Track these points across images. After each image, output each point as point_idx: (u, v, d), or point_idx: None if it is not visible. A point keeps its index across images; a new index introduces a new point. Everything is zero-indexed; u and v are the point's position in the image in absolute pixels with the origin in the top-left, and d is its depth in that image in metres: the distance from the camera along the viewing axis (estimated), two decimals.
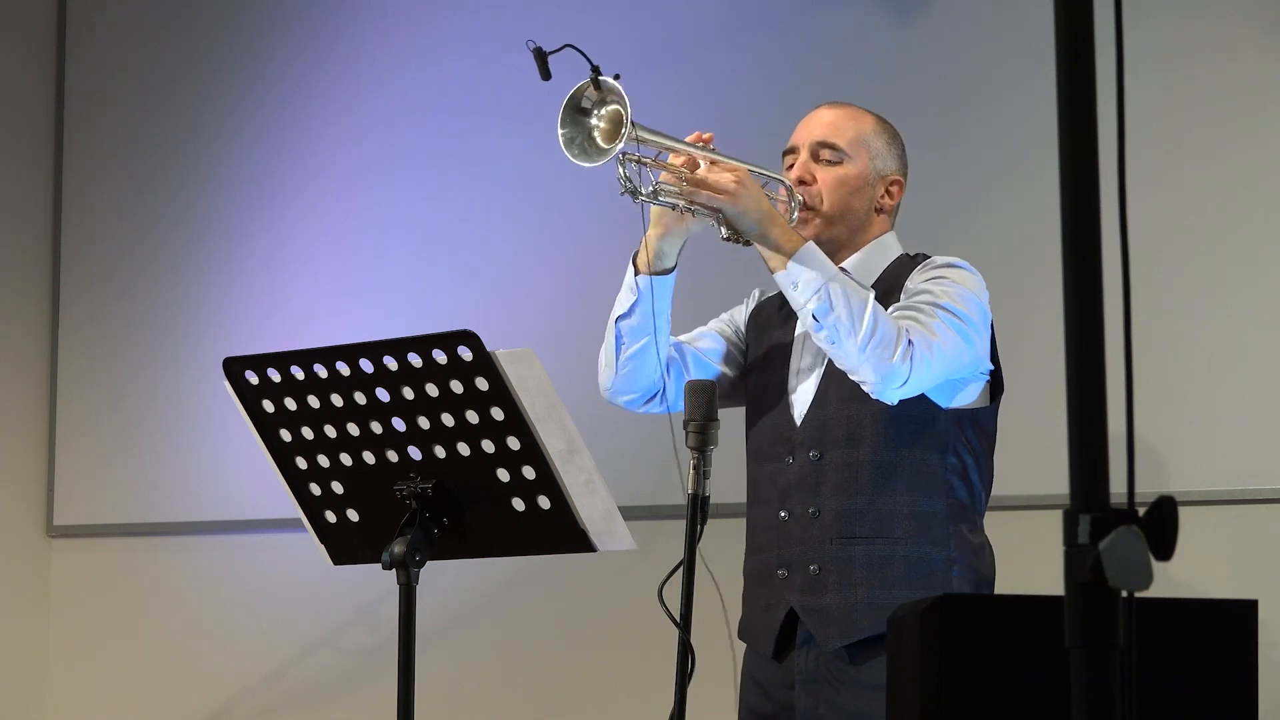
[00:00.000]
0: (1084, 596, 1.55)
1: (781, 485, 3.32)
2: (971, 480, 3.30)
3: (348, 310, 5.21)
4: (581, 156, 3.16)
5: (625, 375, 3.38)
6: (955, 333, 3.21)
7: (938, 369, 3.19)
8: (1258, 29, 4.26)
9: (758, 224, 3.22)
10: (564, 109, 3.18)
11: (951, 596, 3.01)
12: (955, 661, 2.40)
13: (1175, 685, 2.47)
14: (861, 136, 3.41)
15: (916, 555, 3.24)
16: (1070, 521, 1.56)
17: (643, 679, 4.72)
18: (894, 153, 3.44)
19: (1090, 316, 1.57)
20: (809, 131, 3.43)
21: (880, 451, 3.25)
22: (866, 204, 3.40)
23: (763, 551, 3.36)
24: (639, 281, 3.32)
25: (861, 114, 3.45)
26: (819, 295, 3.16)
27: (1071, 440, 1.57)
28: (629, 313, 3.34)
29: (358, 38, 5.32)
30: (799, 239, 3.23)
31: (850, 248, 3.39)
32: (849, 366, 3.18)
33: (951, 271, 3.30)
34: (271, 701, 5.31)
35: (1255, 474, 4.19)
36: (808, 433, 3.30)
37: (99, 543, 5.56)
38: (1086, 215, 1.57)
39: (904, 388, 3.18)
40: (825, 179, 3.38)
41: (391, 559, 3.00)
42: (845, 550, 3.25)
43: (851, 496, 3.26)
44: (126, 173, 5.58)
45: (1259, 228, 4.22)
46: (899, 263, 3.40)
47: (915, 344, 3.15)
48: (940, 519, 3.26)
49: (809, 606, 3.26)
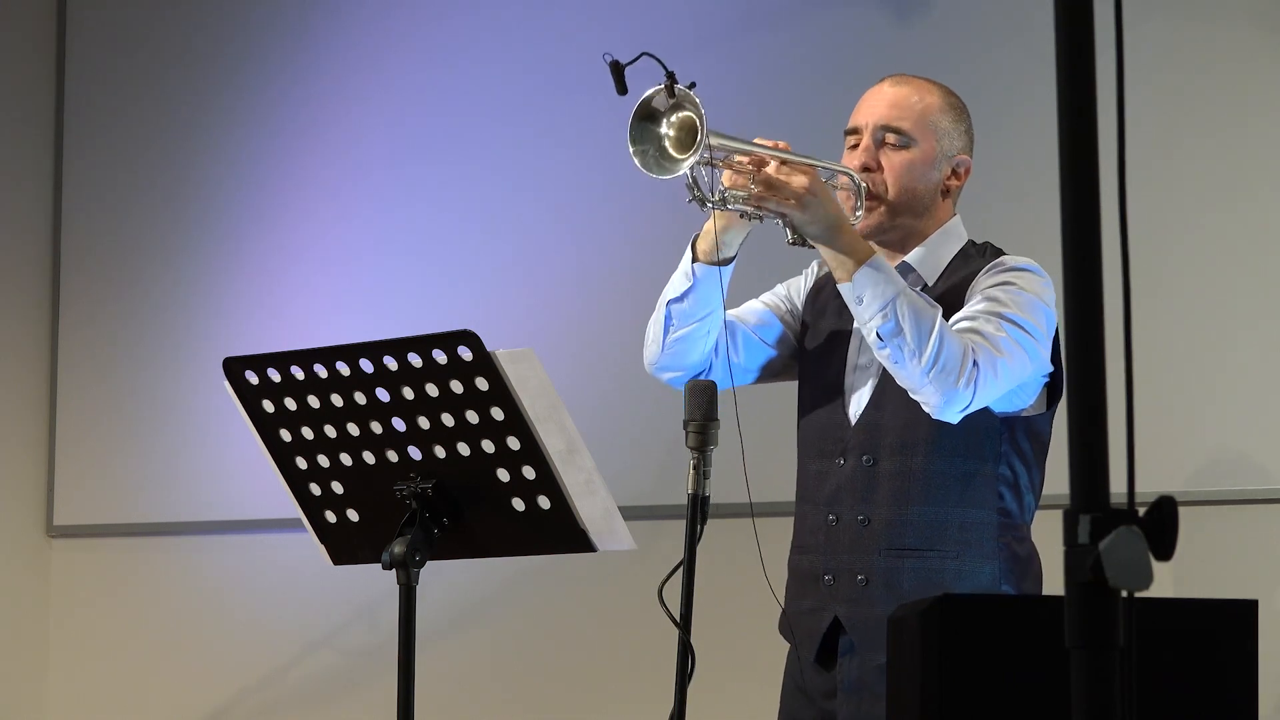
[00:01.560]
0: (1084, 596, 1.55)
1: (831, 488, 3.25)
2: (1021, 489, 3.22)
3: (348, 310, 5.21)
4: (655, 169, 3.04)
5: (671, 354, 3.30)
6: (1021, 347, 3.11)
7: (1001, 387, 3.11)
8: (1258, 30, 4.26)
9: (825, 231, 3.10)
10: (634, 118, 3.05)
11: (951, 596, 3.00)
12: (955, 661, 2.40)
13: (1175, 685, 2.47)
14: (928, 116, 3.26)
15: (967, 569, 3.17)
16: (1070, 521, 1.56)
17: (643, 679, 4.72)
18: (961, 129, 3.31)
19: (1090, 316, 1.57)
20: (873, 111, 3.28)
21: (934, 461, 3.17)
22: (933, 189, 3.27)
23: (808, 552, 3.28)
24: (697, 270, 3.21)
25: (927, 89, 3.30)
26: (884, 313, 3.05)
27: (1071, 440, 1.57)
28: (682, 298, 3.23)
29: (358, 38, 5.32)
30: (867, 249, 3.11)
31: (917, 236, 3.28)
32: (911, 386, 3.09)
33: (1020, 277, 3.18)
34: (271, 701, 5.31)
35: (1255, 474, 4.19)
36: (861, 435, 3.22)
37: (99, 543, 5.56)
38: (1086, 216, 1.57)
39: (967, 409, 3.10)
40: (891, 165, 3.25)
41: (391, 559, 2.99)
42: (894, 562, 3.18)
43: (903, 507, 3.18)
44: (126, 173, 5.58)
45: (1259, 228, 4.22)
46: (964, 253, 3.29)
47: (980, 365, 3.06)
48: (990, 530, 3.18)
49: (854, 618, 3.21)
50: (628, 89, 3.02)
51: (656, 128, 3.06)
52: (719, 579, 3.33)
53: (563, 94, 5.02)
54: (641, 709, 4.66)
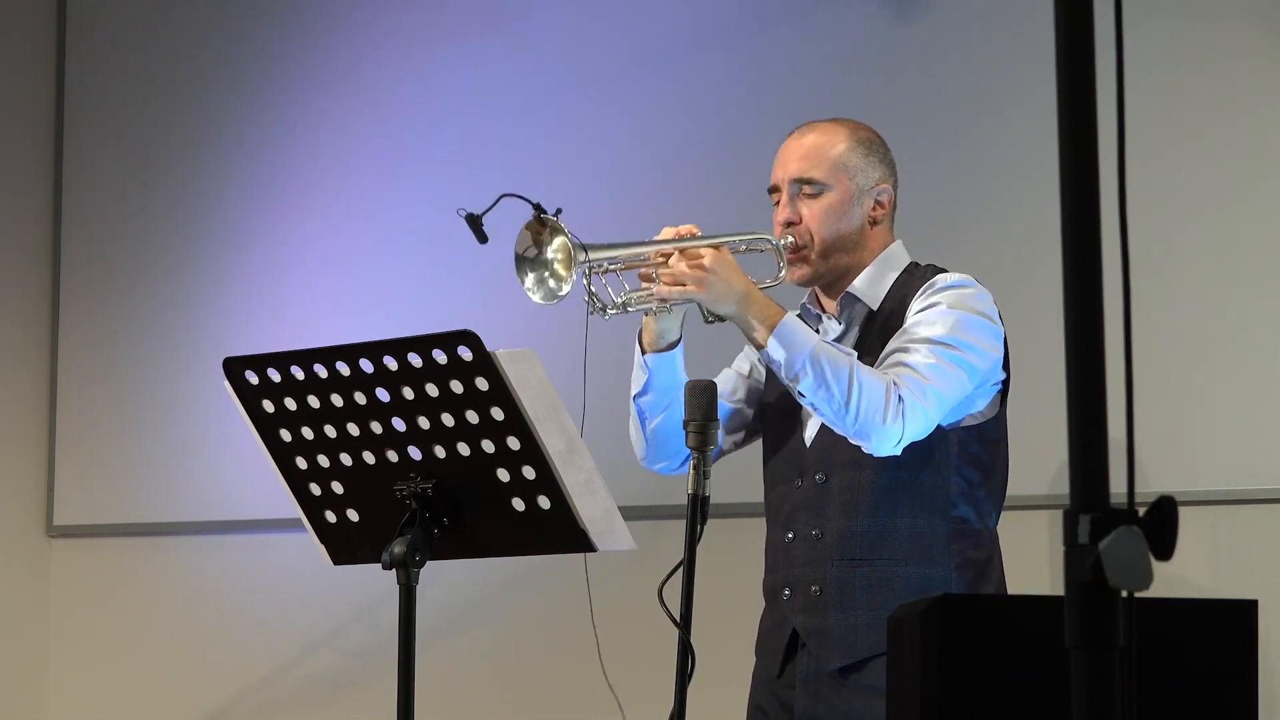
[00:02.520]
0: (1084, 596, 1.55)
1: (789, 507, 3.33)
2: (978, 497, 3.27)
3: (348, 310, 5.21)
4: (548, 296, 3.18)
5: (658, 444, 3.41)
6: (953, 365, 3.18)
7: (934, 413, 3.18)
8: (1258, 30, 4.26)
9: (734, 305, 3.20)
10: (516, 264, 3.19)
11: (951, 596, 3.01)
12: (955, 662, 2.40)
13: (1175, 685, 2.46)
14: (838, 160, 3.35)
15: (917, 575, 3.23)
16: (1070, 521, 1.56)
17: (643, 679, 4.72)
18: (874, 161, 3.39)
19: (1090, 317, 1.57)
20: (785, 168, 3.38)
21: (881, 474, 3.23)
22: (858, 225, 3.36)
23: (772, 572, 3.37)
24: (648, 360, 3.33)
25: (834, 131, 3.40)
26: (802, 371, 3.14)
27: (1071, 440, 1.57)
28: (644, 390, 3.36)
29: (358, 39, 5.32)
30: (776, 313, 3.20)
31: (856, 268, 3.36)
32: (843, 433, 3.18)
33: (947, 295, 3.25)
34: (271, 701, 5.31)
35: (1255, 474, 4.19)
36: (815, 455, 3.31)
37: (99, 543, 5.56)
38: (1086, 216, 1.57)
39: (900, 443, 3.16)
40: (811, 214, 3.34)
41: (391, 559, 2.99)
42: (846, 572, 3.25)
43: (854, 518, 3.25)
44: (127, 173, 5.58)
45: (1259, 228, 4.22)
46: (909, 273, 3.36)
47: (905, 398, 3.13)
48: (941, 539, 3.25)
49: (810, 627, 3.27)
50: (488, 237, 3.17)
51: (541, 257, 3.21)
52: (719, 579, 3.33)
53: (563, 94, 5.02)
54: (641, 709, 4.65)
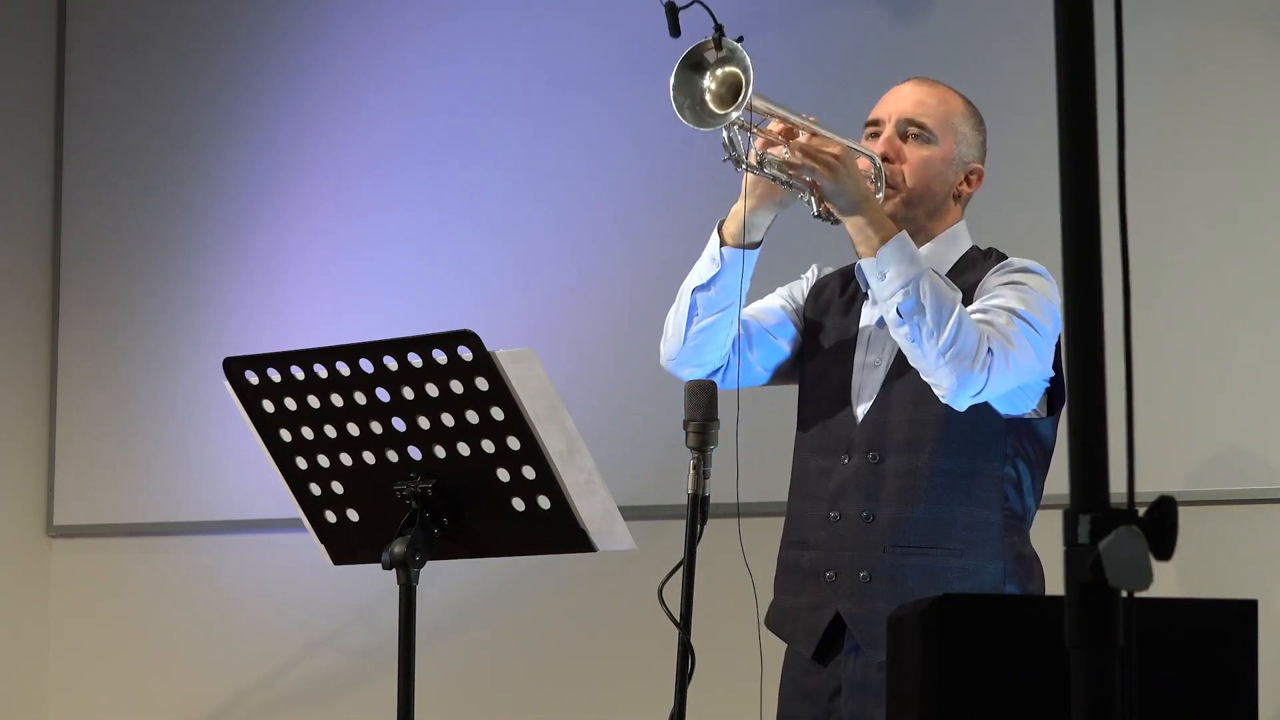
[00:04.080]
0: (1084, 596, 1.55)
1: (834, 484, 3.24)
2: (1024, 492, 3.23)
3: (348, 310, 5.21)
4: (693, 119, 3.04)
5: (693, 348, 3.28)
6: (1030, 344, 3.12)
7: (1012, 380, 3.12)
8: (1258, 30, 4.26)
9: (854, 204, 3.11)
10: (679, 67, 3.06)
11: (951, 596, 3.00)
12: (955, 661, 2.40)
13: (1175, 685, 2.47)
14: (950, 118, 3.31)
15: (971, 568, 3.17)
16: (1070, 521, 1.56)
17: (643, 679, 4.72)
18: (979, 138, 3.35)
19: (1090, 317, 1.57)
20: (897, 106, 3.31)
21: (940, 459, 3.17)
22: (947, 189, 3.30)
23: (808, 549, 3.27)
24: (724, 254, 3.20)
25: (951, 95, 3.35)
26: (907, 290, 3.06)
27: (1071, 440, 1.57)
28: (708, 284, 3.22)
29: (358, 38, 5.32)
30: (893, 227, 3.11)
31: (924, 234, 3.28)
32: (925, 368, 3.10)
33: (1030, 278, 3.20)
34: (271, 701, 5.31)
35: (1255, 474, 4.19)
36: (867, 433, 3.22)
37: (99, 543, 5.56)
38: (1086, 216, 1.57)
39: (978, 396, 3.10)
40: (911, 158, 3.27)
41: (391, 559, 2.99)
42: (899, 559, 3.18)
43: (909, 504, 3.17)
44: (126, 173, 5.58)
45: (1259, 228, 4.22)
46: (970, 256, 3.31)
47: (995, 354, 3.06)
48: (995, 530, 3.18)
49: (857, 614, 3.20)
50: (680, 32, 3.05)
51: (700, 79, 3.07)
52: (719, 579, 3.32)
53: (563, 94, 5.02)
54: (641, 709, 4.66)
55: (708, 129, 3.04)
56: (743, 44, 3.04)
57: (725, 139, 3.08)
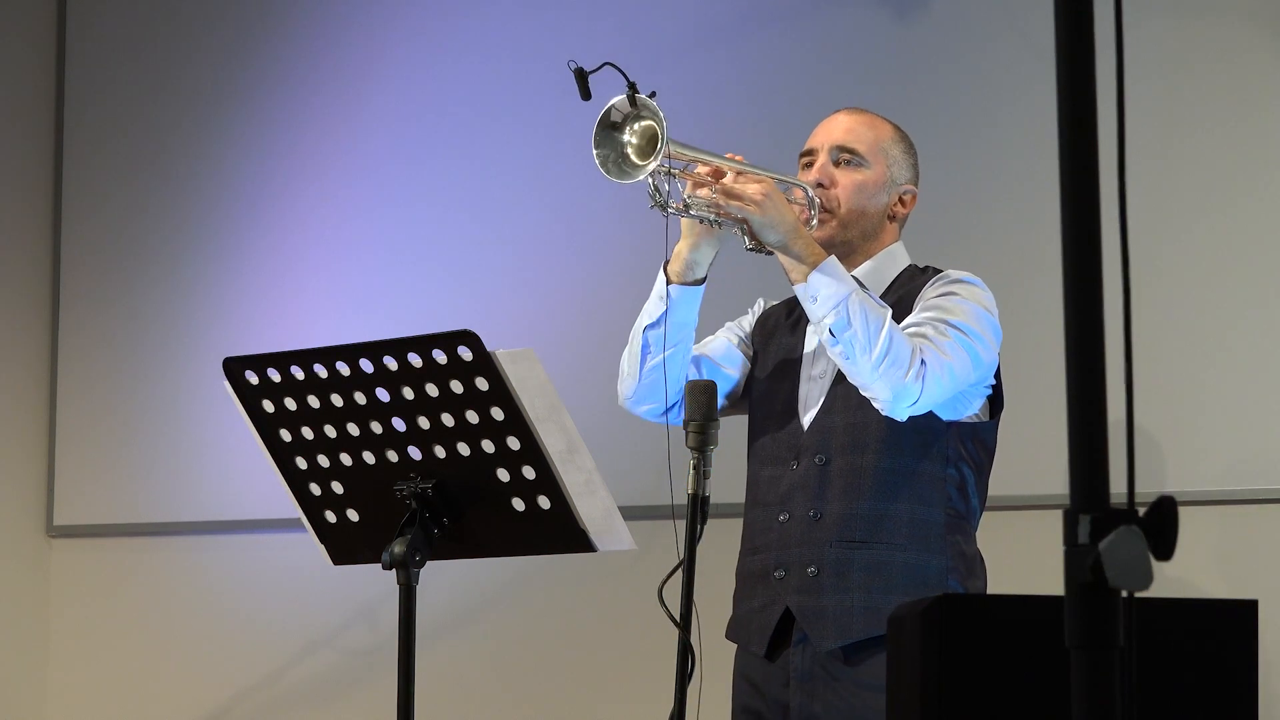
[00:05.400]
0: (1084, 596, 1.55)
1: (784, 488, 3.34)
2: (969, 493, 3.33)
3: (348, 310, 5.21)
4: (616, 174, 3.20)
5: (649, 385, 3.39)
6: (966, 351, 3.24)
7: (947, 387, 3.23)
8: (1258, 30, 4.26)
9: (783, 235, 3.24)
10: (598, 126, 3.20)
11: (951, 596, 3.01)
12: (955, 661, 2.40)
13: (1175, 685, 2.47)
14: (880, 143, 3.44)
15: (915, 562, 3.26)
16: (1070, 521, 1.56)
17: (643, 679, 4.72)
18: (909, 162, 3.48)
19: (1090, 317, 1.57)
20: (829, 135, 3.45)
21: (884, 458, 3.27)
22: (881, 211, 3.43)
23: (759, 552, 3.37)
24: (671, 291, 3.33)
25: (880, 121, 3.48)
26: (837, 311, 3.19)
27: (1071, 440, 1.57)
28: (658, 322, 3.34)
29: (359, 38, 5.32)
30: (821, 252, 3.26)
31: (861, 254, 3.42)
32: (861, 382, 3.22)
33: (963, 288, 3.32)
34: (271, 701, 5.31)
35: (1255, 474, 4.19)
36: (814, 438, 3.33)
37: (99, 543, 5.56)
38: (1086, 215, 1.57)
39: (915, 405, 3.21)
40: (844, 183, 3.41)
41: (391, 559, 3.00)
42: (845, 553, 3.27)
43: (854, 501, 3.28)
44: (126, 173, 5.58)
45: (1259, 228, 4.22)
46: (908, 273, 3.42)
47: (928, 364, 3.19)
48: (938, 528, 3.28)
49: (805, 607, 3.28)
50: (591, 95, 3.17)
51: (619, 135, 3.22)
52: (719, 579, 3.33)
53: (563, 94, 4.99)
54: (641, 709, 4.66)
55: (631, 181, 3.18)
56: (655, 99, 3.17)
57: (650, 186, 3.21)
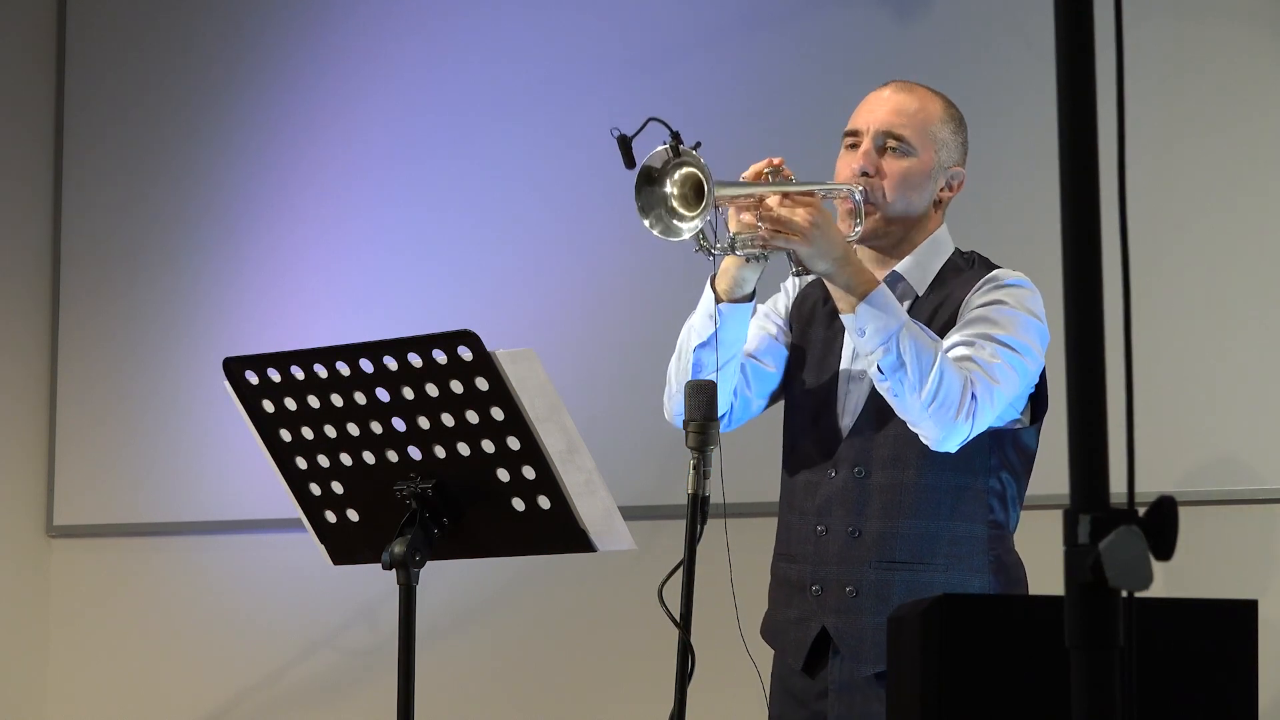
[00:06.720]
0: (1084, 596, 1.55)
1: (821, 498, 3.24)
2: (1009, 501, 3.23)
3: (348, 310, 5.21)
4: (665, 231, 3.04)
5: None
6: (1015, 370, 3.13)
7: (997, 411, 3.13)
8: (1259, 30, 4.26)
9: (831, 265, 3.09)
10: (638, 185, 3.03)
11: (951, 596, 3.00)
12: (955, 661, 2.40)
13: (1175, 685, 2.47)
14: (929, 125, 3.25)
15: (956, 582, 3.17)
16: (1070, 521, 1.56)
17: (643, 679, 4.72)
18: (959, 141, 3.30)
19: (1090, 317, 1.57)
20: (875, 116, 3.26)
21: (925, 474, 3.17)
22: (928, 199, 3.26)
23: (795, 562, 3.27)
24: (722, 309, 3.17)
25: (929, 97, 3.29)
26: (886, 347, 3.05)
27: (1071, 440, 1.57)
28: (708, 341, 3.19)
29: (358, 38, 5.32)
30: (871, 281, 3.11)
31: (906, 244, 3.27)
32: (910, 419, 3.10)
33: (1011, 293, 3.19)
34: (271, 701, 5.31)
35: (1255, 474, 4.19)
36: (853, 447, 3.22)
37: (99, 543, 5.56)
38: (1087, 216, 1.57)
39: (962, 442, 3.11)
40: (890, 172, 3.23)
41: (391, 559, 3.00)
42: (884, 575, 3.18)
43: (894, 519, 3.18)
44: (126, 172, 5.58)
45: (1259, 228, 4.22)
46: (953, 263, 3.28)
47: (978, 397, 3.07)
48: (980, 543, 3.19)
49: (843, 629, 3.20)
50: (635, 161, 3.00)
51: (660, 189, 3.05)
52: (719, 579, 3.32)
53: (564, 94, 5.02)
54: (641, 709, 4.66)
55: (680, 238, 3.04)
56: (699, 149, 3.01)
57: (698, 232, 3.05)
